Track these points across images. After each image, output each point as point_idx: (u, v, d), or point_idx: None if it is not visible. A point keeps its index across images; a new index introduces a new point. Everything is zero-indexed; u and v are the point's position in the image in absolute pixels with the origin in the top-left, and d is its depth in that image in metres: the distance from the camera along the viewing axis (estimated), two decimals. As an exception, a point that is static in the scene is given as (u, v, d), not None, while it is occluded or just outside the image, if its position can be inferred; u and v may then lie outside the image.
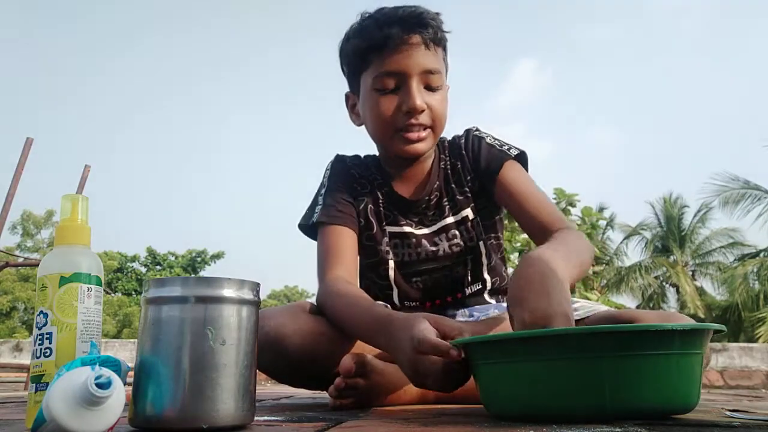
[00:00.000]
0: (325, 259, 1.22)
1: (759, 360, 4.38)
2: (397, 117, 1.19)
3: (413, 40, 1.16)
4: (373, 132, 1.27)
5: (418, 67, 1.17)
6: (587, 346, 0.72)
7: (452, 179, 1.30)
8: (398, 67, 1.17)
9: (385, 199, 1.30)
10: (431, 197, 1.29)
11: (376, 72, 1.19)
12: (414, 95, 1.16)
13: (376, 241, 1.29)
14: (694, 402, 0.78)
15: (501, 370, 0.78)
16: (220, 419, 0.68)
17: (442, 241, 1.29)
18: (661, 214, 17.97)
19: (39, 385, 0.72)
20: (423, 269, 1.30)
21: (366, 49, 1.19)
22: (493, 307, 1.31)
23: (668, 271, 16.98)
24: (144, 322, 0.71)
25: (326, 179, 1.33)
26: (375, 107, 1.21)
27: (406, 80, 1.17)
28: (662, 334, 0.72)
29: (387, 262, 1.29)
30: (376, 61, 1.18)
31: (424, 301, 1.32)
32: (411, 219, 1.30)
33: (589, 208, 6.83)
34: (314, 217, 1.27)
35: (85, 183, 3.12)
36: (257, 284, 0.75)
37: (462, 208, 1.29)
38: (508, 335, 0.81)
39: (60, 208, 0.78)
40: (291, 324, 1.08)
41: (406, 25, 1.16)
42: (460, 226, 1.29)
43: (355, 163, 1.36)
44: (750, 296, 14.56)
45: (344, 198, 1.28)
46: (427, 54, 1.17)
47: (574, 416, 0.73)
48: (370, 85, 1.21)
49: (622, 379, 0.71)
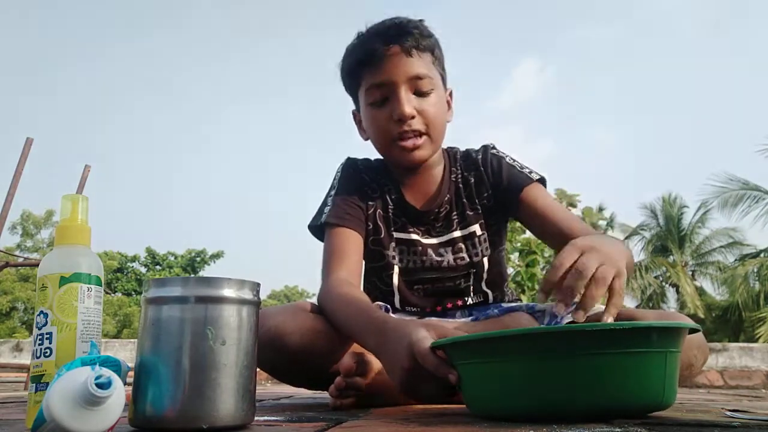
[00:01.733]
0: (329, 260, 1.22)
1: (759, 360, 4.38)
2: (389, 126, 1.22)
3: (393, 51, 1.20)
4: (375, 144, 1.30)
5: (403, 75, 1.20)
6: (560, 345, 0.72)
7: (464, 193, 1.31)
8: (383, 78, 1.20)
9: (394, 205, 1.32)
10: (441, 210, 1.31)
11: (366, 86, 1.23)
12: (401, 102, 1.19)
13: (382, 246, 1.30)
14: (670, 401, 0.77)
15: (478, 371, 0.79)
16: (220, 419, 0.68)
17: (447, 253, 1.30)
18: (660, 214, 17.97)
19: (39, 385, 0.72)
20: (426, 278, 1.31)
21: (355, 66, 1.24)
22: (493, 307, 1.32)
23: (668, 271, 16.98)
24: (144, 322, 0.71)
25: (336, 181, 1.34)
26: (371, 120, 1.25)
27: (393, 89, 1.20)
28: (636, 332, 0.72)
29: (392, 267, 1.30)
30: (366, 76, 1.23)
31: (424, 308, 1.32)
32: (419, 228, 1.31)
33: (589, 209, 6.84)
34: (323, 217, 1.28)
35: (85, 183, 3.12)
36: (257, 284, 0.75)
37: (470, 223, 1.30)
38: (483, 335, 0.80)
39: (60, 208, 0.78)
40: (291, 322, 1.09)
41: (386, 38, 1.20)
42: (467, 241, 1.30)
43: (366, 166, 1.37)
44: (750, 296, 14.56)
45: (353, 201, 1.30)
46: (411, 61, 1.20)
47: (549, 415, 0.73)
48: (364, 101, 1.25)
49: (598, 377, 0.71)
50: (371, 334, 0.99)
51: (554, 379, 0.72)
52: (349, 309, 1.07)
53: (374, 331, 0.98)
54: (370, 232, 1.30)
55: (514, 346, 0.74)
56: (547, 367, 0.72)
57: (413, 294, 1.31)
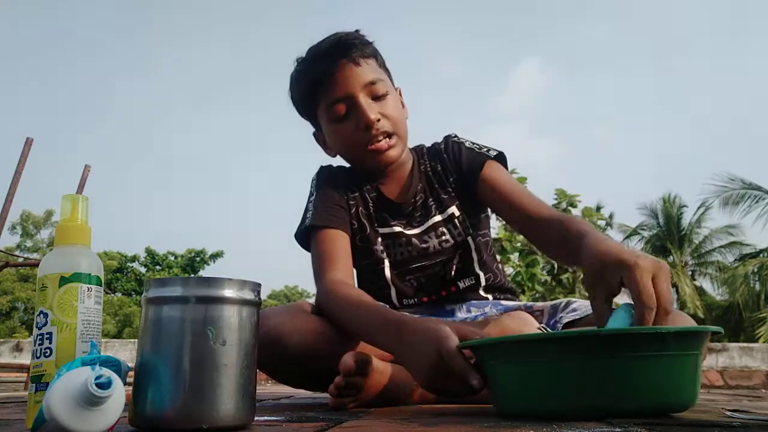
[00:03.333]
0: (321, 263, 1.23)
1: (759, 360, 4.38)
2: (358, 136, 1.25)
3: (343, 63, 1.23)
4: (346, 156, 1.34)
5: (358, 84, 1.24)
6: (589, 347, 0.74)
7: (434, 181, 1.36)
8: (341, 92, 1.24)
9: (373, 202, 1.34)
10: (416, 198, 1.34)
11: (325, 104, 1.26)
12: (365, 111, 1.23)
13: (370, 242, 1.32)
14: (692, 400, 0.79)
15: (508, 371, 0.81)
16: (220, 419, 0.68)
17: (431, 238, 1.33)
18: (660, 214, 17.97)
19: (39, 385, 0.72)
20: (416, 266, 1.33)
21: (309, 89, 1.28)
22: (491, 304, 1.33)
23: (668, 271, 16.95)
24: (144, 322, 0.71)
25: (314, 188, 1.36)
26: (337, 135, 1.29)
27: (352, 100, 1.23)
28: (660, 336, 0.74)
29: (382, 261, 1.32)
30: (322, 95, 1.26)
31: (420, 298, 1.34)
32: (400, 220, 1.34)
33: (590, 209, 6.84)
34: (307, 221, 1.29)
35: (85, 183, 3.12)
36: (258, 284, 0.76)
37: (447, 206, 1.34)
38: (513, 338, 0.84)
39: (60, 208, 0.78)
40: (290, 322, 1.09)
41: (332, 53, 1.24)
42: (448, 223, 1.33)
43: (340, 170, 1.39)
44: (751, 296, 14.55)
45: (335, 202, 1.31)
46: (361, 69, 1.24)
47: (573, 414, 0.75)
48: (325, 118, 1.28)
49: (622, 379, 0.73)
50: (388, 334, 1.00)
51: (591, 379, 0.74)
52: (359, 310, 1.07)
53: (393, 330, 0.99)
54: (356, 230, 1.32)
55: (553, 347, 0.76)
56: (584, 368, 0.74)
57: (406, 285, 1.34)
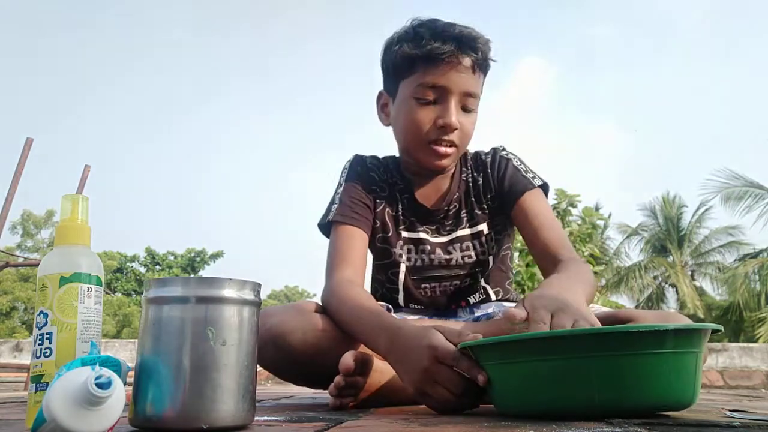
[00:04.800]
0: (334, 259, 1.22)
1: (759, 360, 4.38)
2: (430, 129, 1.21)
3: (463, 61, 1.18)
4: (404, 138, 1.28)
5: (461, 87, 1.19)
6: (587, 346, 0.74)
7: (472, 193, 1.32)
8: (443, 82, 1.18)
9: (404, 204, 1.32)
10: (450, 207, 1.32)
11: (419, 81, 1.20)
12: (452, 112, 1.19)
13: (390, 244, 1.31)
14: (692, 399, 0.80)
15: (507, 370, 0.81)
16: (220, 419, 0.68)
17: (455, 250, 1.31)
18: (659, 214, 17.95)
19: (39, 385, 0.72)
20: (433, 276, 1.31)
21: (415, 57, 1.20)
22: (493, 306, 1.32)
23: (667, 271, 16.97)
24: (145, 322, 0.71)
25: (344, 179, 1.33)
26: (411, 115, 1.22)
27: (447, 96, 1.19)
28: (659, 333, 0.74)
29: (399, 265, 1.31)
30: (423, 71, 1.19)
31: (429, 307, 1.33)
32: (428, 226, 1.32)
33: (589, 209, 6.83)
34: (330, 215, 1.27)
35: (85, 183, 3.12)
36: (258, 285, 0.75)
37: (478, 222, 1.32)
38: (513, 338, 0.84)
39: (60, 208, 0.78)
40: (293, 320, 1.09)
41: (460, 45, 1.18)
42: (475, 239, 1.31)
43: (374, 164, 1.36)
44: (751, 296, 14.54)
45: (361, 199, 1.30)
46: (472, 77, 1.20)
47: (573, 412, 0.76)
48: (409, 93, 1.22)
49: (622, 376, 0.74)
50: (383, 337, 1.00)
51: (594, 378, 0.74)
52: (358, 311, 1.08)
53: (387, 335, 0.99)
54: (377, 230, 1.30)
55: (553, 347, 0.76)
56: (585, 366, 0.74)
57: (419, 293, 1.32)
